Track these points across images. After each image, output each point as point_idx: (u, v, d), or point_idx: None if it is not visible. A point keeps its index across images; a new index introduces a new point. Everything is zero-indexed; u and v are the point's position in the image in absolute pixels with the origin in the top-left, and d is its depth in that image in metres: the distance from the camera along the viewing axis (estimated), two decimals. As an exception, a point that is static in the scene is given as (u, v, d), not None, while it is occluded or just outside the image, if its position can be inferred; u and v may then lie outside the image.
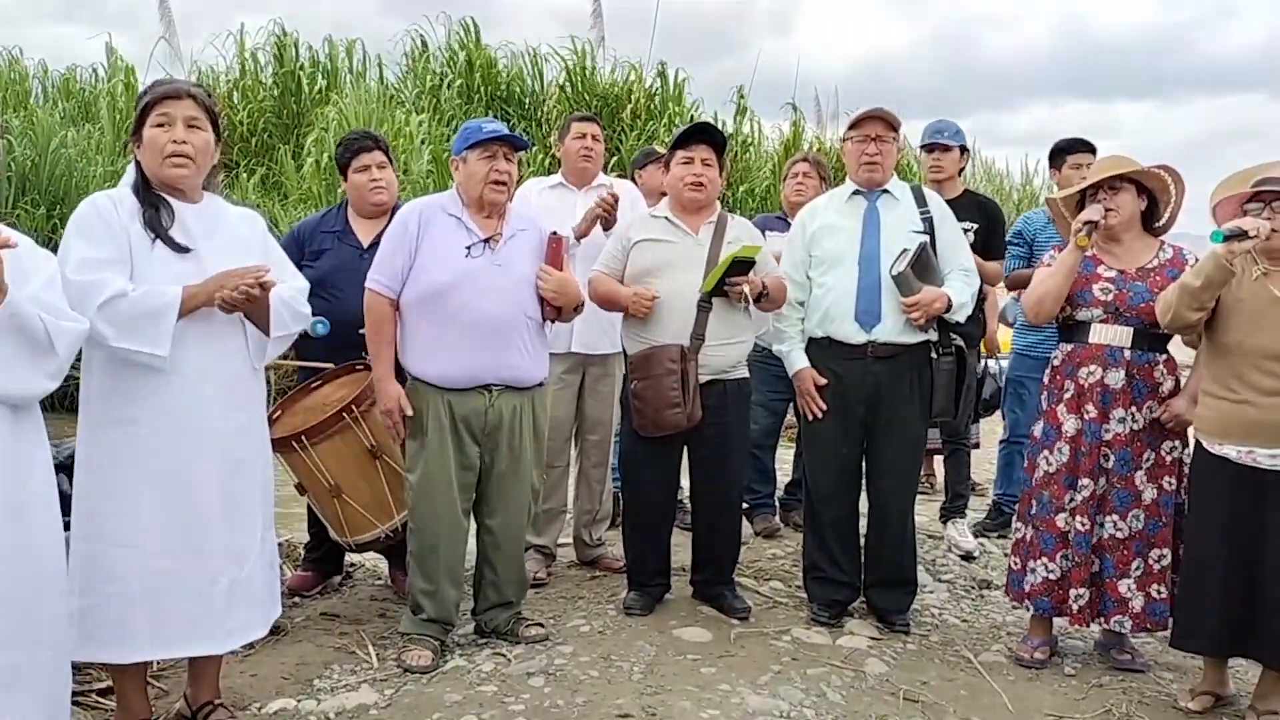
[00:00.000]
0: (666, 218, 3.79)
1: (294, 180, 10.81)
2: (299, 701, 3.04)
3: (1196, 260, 3.40)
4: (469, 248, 3.31)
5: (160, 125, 2.68)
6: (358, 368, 3.61)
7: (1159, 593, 3.40)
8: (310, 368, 3.77)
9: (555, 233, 3.47)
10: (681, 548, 4.08)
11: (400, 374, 3.40)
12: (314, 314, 3.02)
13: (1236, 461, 3.09)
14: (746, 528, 4.76)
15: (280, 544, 4.19)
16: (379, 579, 4.20)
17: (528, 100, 13.54)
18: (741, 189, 12.95)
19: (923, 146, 4.67)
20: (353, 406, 3.45)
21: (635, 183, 4.94)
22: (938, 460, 5.71)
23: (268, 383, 3.87)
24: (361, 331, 3.40)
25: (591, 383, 4.24)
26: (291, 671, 3.27)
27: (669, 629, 3.61)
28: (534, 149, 11.53)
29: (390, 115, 11.57)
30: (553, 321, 3.49)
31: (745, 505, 4.83)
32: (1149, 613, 3.41)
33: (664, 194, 3.94)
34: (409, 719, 2.91)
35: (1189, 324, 3.18)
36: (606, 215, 4.01)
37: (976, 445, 5.57)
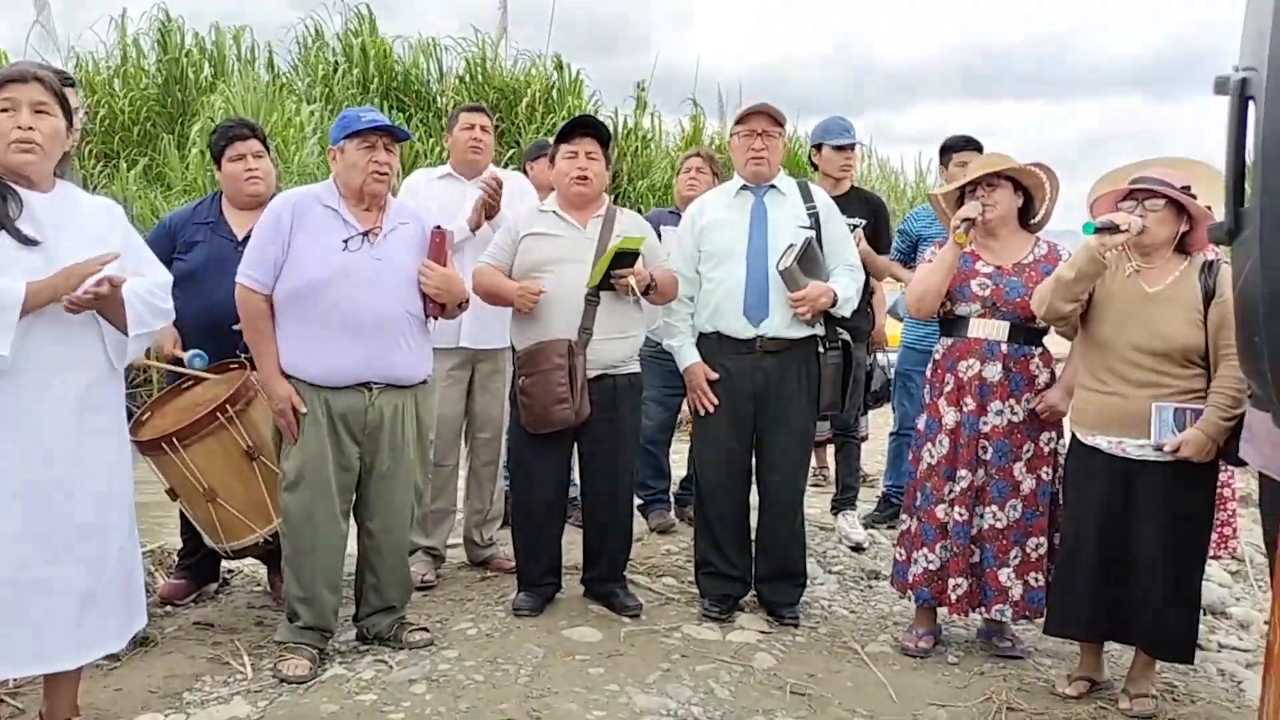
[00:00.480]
0: (555, 212, 3.73)
1: (178, 171, 10.40)
2: (166, 715, 2.90)
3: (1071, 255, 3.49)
4: (346, 241, 3.20)
5: (4, 110, 2.52)
6: (232, 366, 3.46)
7: (1036, 580, 3.48)
8: (180, 373, 3.60)
9: (439, 227, 3.38)
10: (576, 545, 4.02)
11: None
12: (178, 304, 2.89)
13: (1108, 452, 3.18)
14: (641, 524, 4.75)
15: (152, 550, 4.05)
16: (258, 585, 4.05)
17: (425, 91, 13.29)
18: (642, 184, 12.93)
19: (834, 146, 4.69)
20: (227, 406, 3.30)
21: (528, 175, 4.87)
22: (830, 452, 5.77)
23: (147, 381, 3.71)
24: (236, 326, 3.26)
25: (481, 379, 4.15)
26: (159, 684, 3.11)
27: (558, 629, 3.56)
28: (430, 141, 11.32)
29: (280, 104, 11.23)
30: (435, 318, 3.40)
31: (640, 501, 4.82)
32: (1027, 600, 3.48)
33: (552, 188, 3.88)
34: (282, 731, 2.81)
35: (1062, 315, 3.26)
36: (490, 199, 3.93)
37: (865, 438, 5.65)
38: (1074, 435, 3.30)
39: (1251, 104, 1.49)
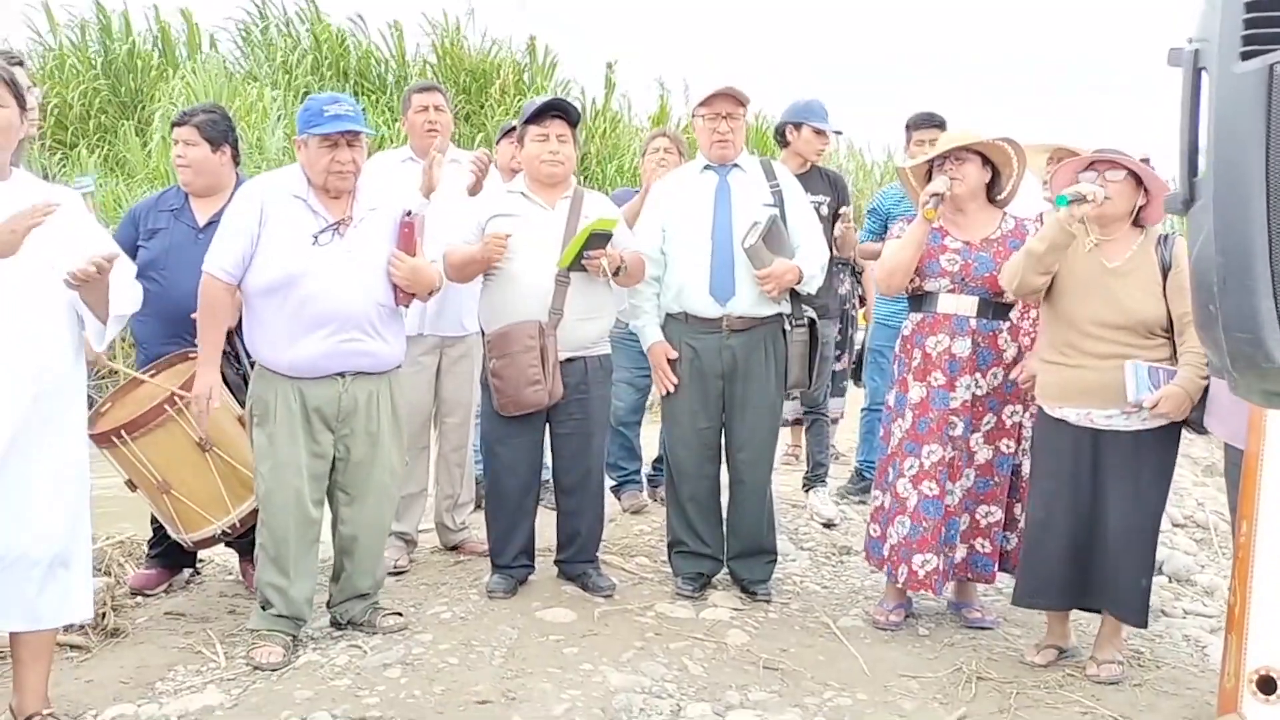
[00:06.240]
0: (522, 193, 3.72)
1: (139, 158, 10.26)
2: (139, 706, 2.88)
3: (1038, 229, 3.52)
4: (316, 235, 3.17)
5: None
6: (190, 356, 3.43)
7: (984, 546, 3.53)
8: (129, 374, 3.56)
9: (409, 213, 3.35)
10: (548, 527, 4.03)
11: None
12: (145, 299, 2.89)
13: (1075, 423, 3.22)
14: (614, 505, 4.76)
15: (121, 541, 4.02)
16: (230, 574, 4.02)
17: (390, 75, 13.15)
18: (610, 166, 12.89)
19: (815, 128, 4.67)
20: (176, 398, 3.27)
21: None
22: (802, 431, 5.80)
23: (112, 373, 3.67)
24: (194, 315, 3.23)
25: (448, 364, 4.13)
26: (131, 675, 3.09)
27: (532, 611, 3.56)
28: (396, 125, 11.23)
29: (242, 89, 11.10)
30: (406, 306, 3.39)
31: (612, 483, 4.82)
32: (970, 563, 3.54)
33: (514, 170, 3.87)
34: (257, 718, 2.80)
35: (1034, 288, 3.27)
36: (480, 176, 3.91)
37: (838, 419, 5.72)
38: (1040, 408, 3.34)
39: (1204, 75, 1.51)
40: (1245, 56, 1.40)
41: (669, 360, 3.74)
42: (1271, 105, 1.40)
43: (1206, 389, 3.05)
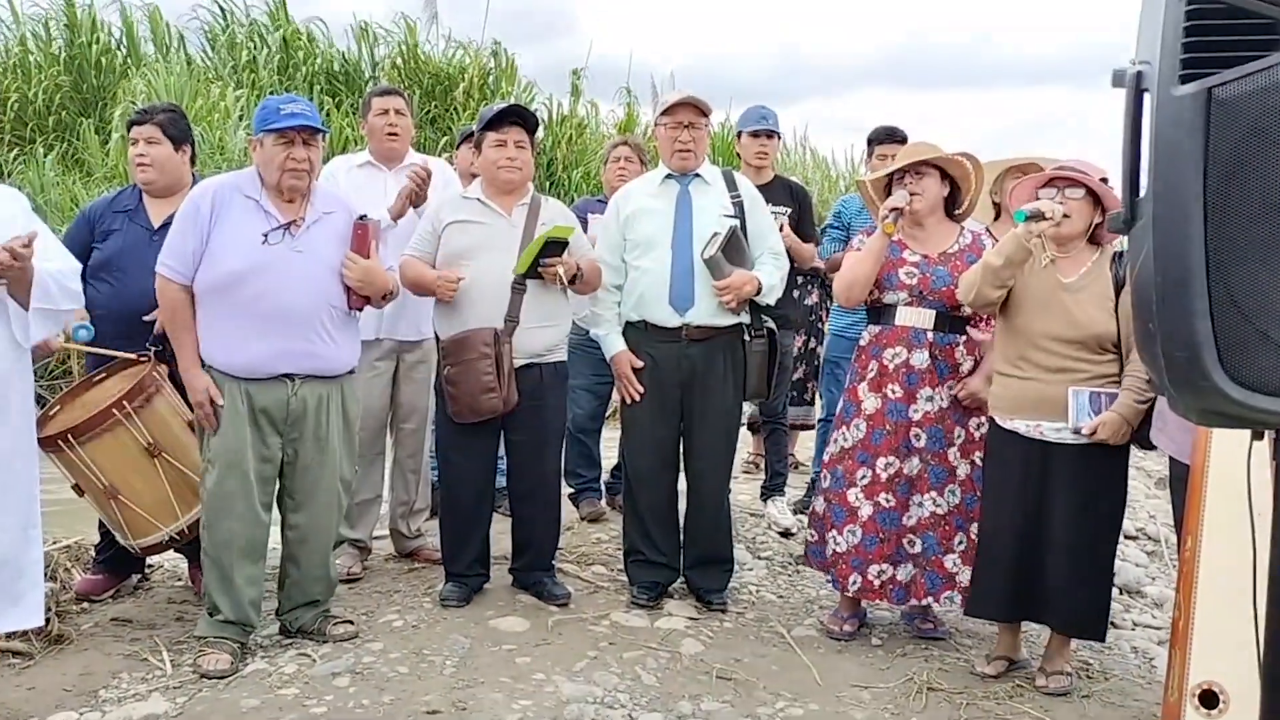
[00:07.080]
0: (479, 199, 3.70)
1: (98, 157, 10.12)
2: (82, 714, 2.85)
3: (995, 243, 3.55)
4: (266, 234, 3.14)
5: None
6: (141, 359, 3.38)
7: None
8: (98, 354, 3.51)
9: (363, 217, 3.33)
10: (505, 535, 4.01)
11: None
12: (93, 293, 2.85)
13: (1026, 435, 3.25)
14: (573, 512, 4.74)
15: (69, 546, 3.95)
16: (179, 580, 3.96)
17: (355, 76, 13.06)
18: (576, 172, 12.87)
19: (750, 133, 4.72)
20: (124, 403, 3.22)
21: (452, 162, 4.82)
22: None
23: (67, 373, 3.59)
24: (146, 318, 3.19)
25: (406, 370, 4.10)
26: (74, 682, 3.05)
27: (485, 620, 3.54)
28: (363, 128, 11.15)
29: (205, 90, 10.97)
30: (359, 310, 3.36)
31: (571, 490, 4.80)
32: None
33: (474, 175, 3.86)
34: (201, 728, 2.76)
35: (990, 301, 3.30)
36: (418, 190, 3.88)
37: (813, 425, 5.72)
38: (992, 419, 3.37)
39: (1146, 96, 1.53)
40: (1184, 80, 1.43)
41: (633, 369, 3.74)
42: (1209, 128, 1.43)
43: (1153, 405, 3.09)
